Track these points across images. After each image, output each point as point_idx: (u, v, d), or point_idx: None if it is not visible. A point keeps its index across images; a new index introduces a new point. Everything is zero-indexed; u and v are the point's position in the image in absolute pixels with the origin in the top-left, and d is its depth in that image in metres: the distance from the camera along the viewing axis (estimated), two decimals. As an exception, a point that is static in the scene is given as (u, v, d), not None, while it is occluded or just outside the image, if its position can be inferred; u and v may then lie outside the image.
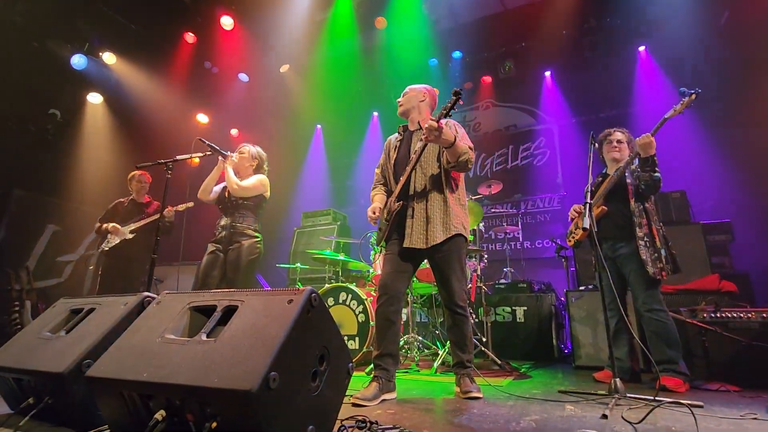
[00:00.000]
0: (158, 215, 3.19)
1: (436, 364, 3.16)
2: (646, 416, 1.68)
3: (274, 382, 1.12)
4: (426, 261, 2.55)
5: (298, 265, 4.60)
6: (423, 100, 2.60)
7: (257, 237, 3.17)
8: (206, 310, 1.48)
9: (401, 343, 3.50)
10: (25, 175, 5.36)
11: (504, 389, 2.44)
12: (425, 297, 3.92)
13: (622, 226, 2.72)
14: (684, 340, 2.67)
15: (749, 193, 4.66)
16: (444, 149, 2.31)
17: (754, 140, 4.72)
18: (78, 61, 5.47)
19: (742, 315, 2.67)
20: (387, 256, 2.46)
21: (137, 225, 4.01)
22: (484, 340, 3.55)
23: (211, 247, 3.12)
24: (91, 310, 1.85)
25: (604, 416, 1.73)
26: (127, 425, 1.35)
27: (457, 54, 6.69)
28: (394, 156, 2.59)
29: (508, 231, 5.17)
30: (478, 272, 3.85)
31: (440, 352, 3.34)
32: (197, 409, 1.18)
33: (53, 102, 5.58)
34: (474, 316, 3.64)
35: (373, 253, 4.07)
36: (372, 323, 3.38)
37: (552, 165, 6.41)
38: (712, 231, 4.11)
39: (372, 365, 2.34)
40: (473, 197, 4.47)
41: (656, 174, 2.60)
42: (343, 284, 3.77)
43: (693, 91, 2.49)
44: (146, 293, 1.82)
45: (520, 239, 5.97)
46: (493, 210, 6.00)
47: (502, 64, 6.52)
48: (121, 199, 4.22)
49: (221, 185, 3.28)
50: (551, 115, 6.59)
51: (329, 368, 1.38)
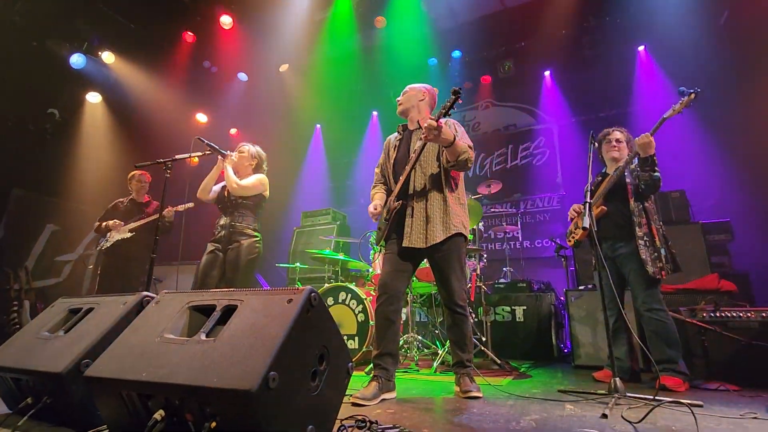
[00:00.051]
0: (158, 215, 3.19)
1: (435, 364, 3.16)
2: (646, 416, 1.68)
3: (273, 382, 1.11)
4: (425, 260, 2.54)
5: (298, 264, 4.60)
6: (422, 100, 2.59)
7: (256, 236, 3.17)
8: (205, 310, 1.47)
9: (401, 343, 3.50)
10: (24, 175, 5.35)
11: (504, 389, 2.44)
12: (425, 296, 3.93)
13: (622, 226, 2.72)
14: (683, 339, 2.67)
15: (749, 192, 4.67)
16: (443, 148, 2.31)
17: (754, 140, 4.72)
18: (77, 60, 5.46)
19: (741, 314, 2.67)
20: (386, 255, 2.45)
21: (137, 224, 4.00)
22: (484, 339, 3.55)
23: (210, 247, 3.11)
24: (89, 310, 1.85)
25: (604, 416, 1.73)
26: (126, 425, 1.35)
27: (456, 53, 6.68)
28: (394, 155, 2.58)
29: (507, 230, 5.17)
30: (478, 272, 3.85)
31: (440, 351, 3.34)
32: (196, 408, 1.18)
33: (52, 101, 5.57)
34: (473, 316, 3.64)
35: (372, 252, 4.07)
36: (371, 323, 3.38)
37: (551, 164, 6.41)
38: (712, 230, 4.11)
39: (372, 365, 2.33)
40: (473, 197, 4.47)
41: (656, 173, 2.60)
42: (343, 284, 3.77)
43: (692, 91, 2.49)
44: (145, 293, 1.81)
45: (520, 239, 5.97)
46: (492, 209, 6.00)
47: (501, 64, 6.52)
48: (120, 199, 4.21)
49: (221, 185, 3.27)
50: (551, 115, 6.59)
51: (329, 368, 1.38)
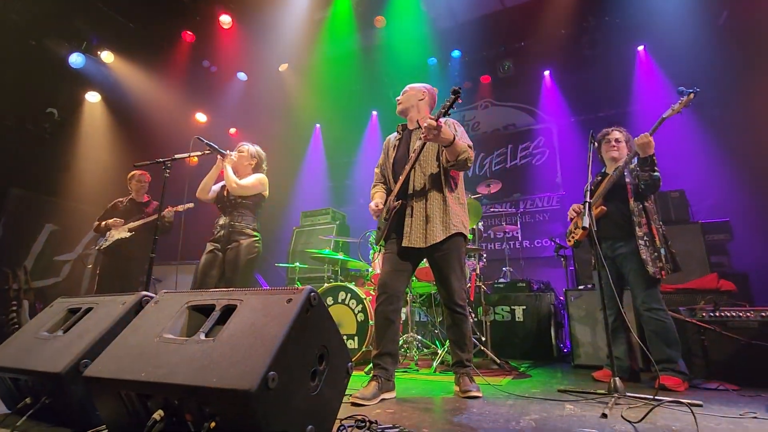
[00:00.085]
0: (157, 215, 3.19)
1: (435, 364, 3.16)
2: (645, 415, 1.68)
3: (273, 382, 1.11)
4: (425, 260, 2.54)
5: (297, 264, 4.59)
6: (422, 99, 2.59)
7: (256, 236, 3.16)
8: (205, 310, 1.47)
9: (400, 343, 3.50)
10: (22, 174, 5.34)
11: (503, 388, 2.43)
12: (424, 296, 3.92)
13: (622, 226, 2.72)
14: (683, 339, 2.67)
15: (748, 192, 4.67)
16: (443, 148, 2.31)
17: (754, 139, 4.72)
18: (76, 59, 5.45)
19: (740, 314, 2.68)
20: (386, 255, 2.45)
21: (136, 224, 4.00)
22: (483, 339, 3.55)
23: (209, 246, 3.11)
24: (88, 310, 1.84)
25: (604, 415, 1.73)
26: (125, 425, 1.34)
27: (456, 53, 6.68)
28: (393, 155, 2.58)
29: (507, 230, 5.17)
30: (477, 271, 3.85)
31: (439, 351, 3.34)
32: (196, 408, 1.18)
33: (51, 101, 5.55)
34: (473, 316, 3.64)
35: (372, 252, 4.07)
36: (371, 322, 3.38)
37: (551, 164, 6.42)
38: (711, 230, 4.12)
39: (371, 364, 2.33)
40: (472, 196, 4.46)
41: (655, 173, 2.60)
42: (342, 283, 3.76)
43: (691, 90, 2.48)
44: (144, 292, 1.81)
45: (519, 238, 5.97)
46: (492, 209, 6.00)
47: (501, 64, 6.52)
48: (120, 199, 4.21)
49: (220, 184, 3.27)
50: (550, 115, 6.59)
51: (328, 368, 1.37)
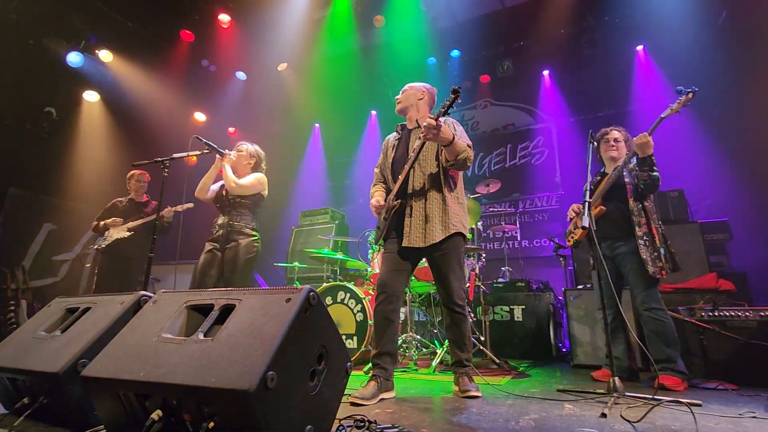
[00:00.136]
0: (156, 215, 3.18)
1: (434, 363, 3.16)
2: (645, 415, 1.68)
3: (272, 382, 1.11)
4: (424, 260, 2.54)
5: (296, 264, 4.59)
6: (422, 99, 2.58)
7: (255, 235, 3.15)
8: (203, 309, 1.46)
9: (400, 342, 3.49)
10: (20, 174, 5.32)
11: (502, 388, 2.43)
12: (424, 296, 3.92)
13: (621, 225, 2.72)
14: (682, 338, 2.68)
15: (747, 192, 4.68)
16: (442, 147, 2.30)
17: (752, 139, 4.73)
18: (74, 58, 5.43)
19: (739, 314, 2.68)
20: (385, 254, 2.45)
21: (135, 224, 3.99)
22: (483, 338, 3.55)
23: (208, 246, 3.10)
24: (86, 310, 1.84)
25: (603, 415, 1.73)
26: (124, 425, 1.34)
27: (455, 53, 6.68)
28: (392, 155, 2.58)
29: (506, 230, 5.17)
30: (477, 271, 3.85)
31: (438, 351, 3.33)
32: (194, 408, 1.17)
33: (49, 100, 5.53)
34: (472, 315, 3.63)
35: (371, 251, 4.06)
36: (370, 322, 3.38)
37: (550, 164, 6.42)
38: (710, 230, 4.12)
39: (370, 364, 2.33)
40: (472, 196, 4.46)
41: (654, 173, 2.60)
42: (342, 283, 3.76)
43: (690, 90, 2.48)
44: (143, 292, 1.80)
45: (518, 238, 5.97)
46: (491, 209, 5.99)
47: (500, 63, 6.51)
48: (119, 198, 4.20)
49: (219, 184, 3.26)
50: (549, 114, 6.59)
51: (327, 367, 1.37)
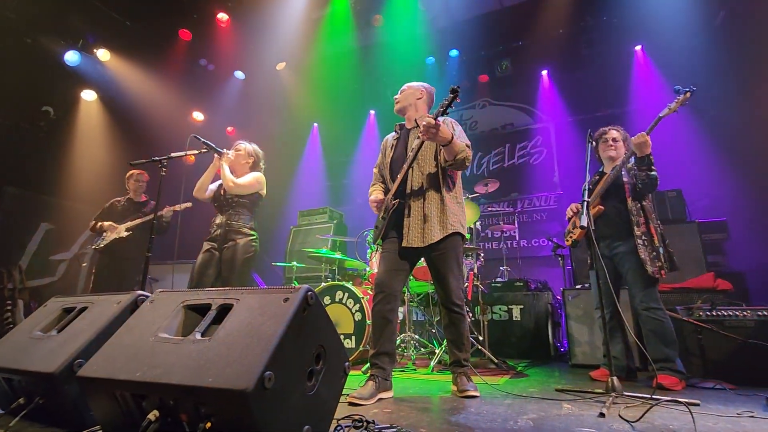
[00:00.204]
0: (154, 214, 3.16)
1: (432, 363, 3.16)
2: (643, 415, 1.68)
3: (269, 382, 1.10)
4: (423, 259, 2.54)
5: (295, 263, 4.58)
6: (420, 98, 2.58)
7: (253, 235, 3.15)
8: (201, 309, 1.45)
9: (398, 342, 3.49)
10: (18, 173, 5.30)
11: (501, 388, 2.43)
12: (422, 295, 3.92)
13: (619, 225, 2.72)
14: (680, 338, 2.68)
15: (745, 192, 4.69)
16: (441, 147, 2.30)
17: (750, 139, 4.74)
18: (72, 57, 5.41)
19: (737, 313, 2.69)
20: (383, 254, 2.44)
21: (134, 223, 3.97)
22: (481, 338, 3.54)
23: (206, 246, 3.09)
24: (83, 309, 1.82)
25: (602, 415, 1.73)
26: (120, 426, 1.33)
27: (454, 52, 6.68)
28: (391, 154, 2.57)
29: (504, 230, 5.17)
30: (475, 271, 3.85)
31: (437, 350, 3.33)
32: (191, 409, 1.16)
33: (47, 99, 5.51)
34: (471, 315, 3.63)
35: (369, 251, 4.06)
36: (369, 322, 3.37)
37: (548, 164, 6.42)
38: (708, 230, 4.14)
39: (369, 364, 2.32)
40: (470, 196, 4.46)
41: (653, 173, 2.60)
42: (340, 283, 3.75)
43: (687, 89, 2.49)
44: (139, 291, 1.79)
45: (517, 238, 5.96)
46: (489, 209, 5.99)
47: (498, 63, 6.51)
48: (118, 198, 4.18)
49: (217, 183, 3.25)
50: (548, 114, 6.60)
51: (325, 367, 1.36)
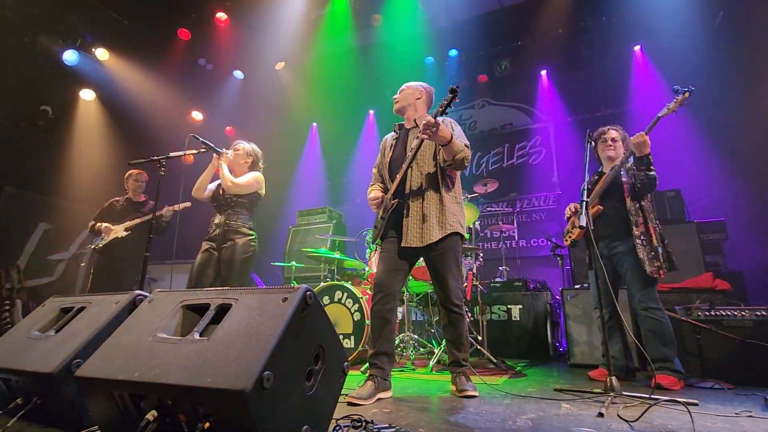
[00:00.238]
0: (152, 214, 3.16)
1: (431, 363, 3.16)
2: (642, 414, 1.68)
3: (268, 382, 1.10)
4: (422, 259, 2.53)
5: (293, 263, 4.57)
6: (419, 98, 2.58)
7: (252, 235, 3.14)
8: (199, 309, 1.45)
9: (397, 342, 3.49)
10: (16, 172, 5.29)
11: (500, 388, 2.43)
12: (421, 295, 3.92)
13: (618, 225, 2.72)
14: (678, 338, 2.68)
15: (743, 192, 4.69)
16: (440, 147, 2.30)
17: (749, 139, 4.75)
18: (70, 56, 5.40)
19: (735, 313, 2.69)
20: (382, 254, 2.44)
21: (133, 223, 3.97)
22: (480, 338, 3.55)
23: (205, 245, 3.09)
24: (81, 309, 1.82)
25: (601, 414, 1.73)
26: (118, 426, 1.32)
27: (453, 52, 6.68)
28: (390, 154, 2.57)
29: (503, 229, 5.17)
30: (474, 271, 3.85)
31: (436, 350, 3.33)
32: (190, 409, 1.16)
33: (45, 98, 5.49)
34: (470, 315, 3.63)
35: (368, 251, 4.06)
36: (368, 322, 3.37)
37: (547, 164, 6.43)
38: (707, 230, 4.14)
39: (367, 364, 2.32)
40: (469, 196, 4.46)
41: (651, 172, 2.60)
42: (339, 282, 3.75)
43: (686, 89, 2.49)
44: (138, 291, 1.79)
45: (516, 238, 5.96)
46: (488, 208, 6.00)
47: (498, 63, 6.52)
48: (116, 198, 4.17)
49: (216, 183, 3.24)
50: (547, 114, 6.60)
51: (324, 367, 1.36)
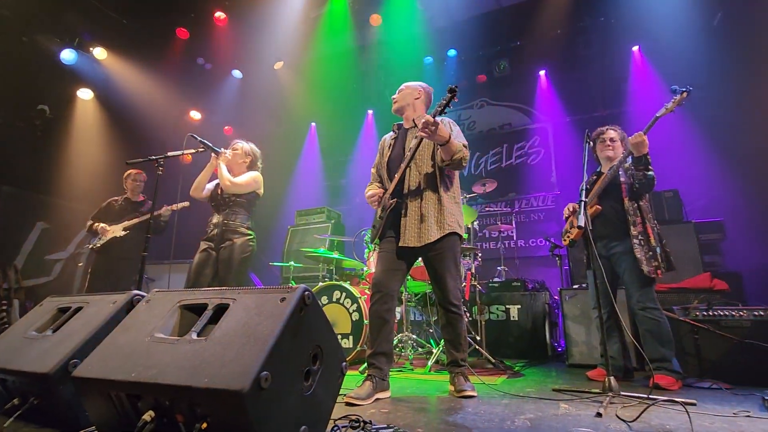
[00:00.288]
0: (150, 214, 3.15)
1: (430, 363, 3.16)
2: (640, 414, 1.69)
3: (266, 382, 1.10)
4: (420, 259, 2.53)
5: (292, 263, 4.57)
6: (418, 98, 2.58)
7: (250, 235, 3.13)
8: (197, 309, 1.45)
9: (395, 342, 3.49)
10: (13, 172, 5.28)
11: (498, 388, 2.43)
12: (419, 295, 3.92)
13: (616, 225, 2.73)
14: (676, 338, 2.68)
15: (741, 192, 4.70)
16: (439, 146, 2.30)
17: (747, 139, 4.75)
18: (68, 56, 5.38)
19: (733, 313, 2.69)
20: (381, 254, 2.44)
21: (131, 223, 3.95)
22: (478, 338, 3.55)
23: (203, 245, 3.08)
24: (78, 309, 1.81)
25: (599, 414, 1.73)
26: (115, 426, 1.32)
27: (452, 52, 6.68)
28: (389, 154, 2.57)
29: (502, 230, 5.17)
30: (473, 271, 3.85)
31: (434, 350, 3.33)
32: (187, 409, 1.16)
33: (42, 97, 5.48)
34: (468, 315, 3.63)
35: (367, 251, 4.06)
36: (366, 322, 3.37)
37: (546, 164, 6.43)
38: (705, 230, 4.14)
39: (366, 364, 2.32)
40: (468, 196, 4.46)
41: (650, 172, 2.61)
42: (337, 282, 3.75)
43: (684, 89, 2.49)
44: (135, 291, 1.78)
45: (514, 238, 5.96)
46: (487, 209, 6.00)
47: (497, 63, 6.51)
48: (115, 198, 4.16)
49: (214, 182, 3.24)
50: (545, 114, 6.60)
51: (322, 367, 1.36)
